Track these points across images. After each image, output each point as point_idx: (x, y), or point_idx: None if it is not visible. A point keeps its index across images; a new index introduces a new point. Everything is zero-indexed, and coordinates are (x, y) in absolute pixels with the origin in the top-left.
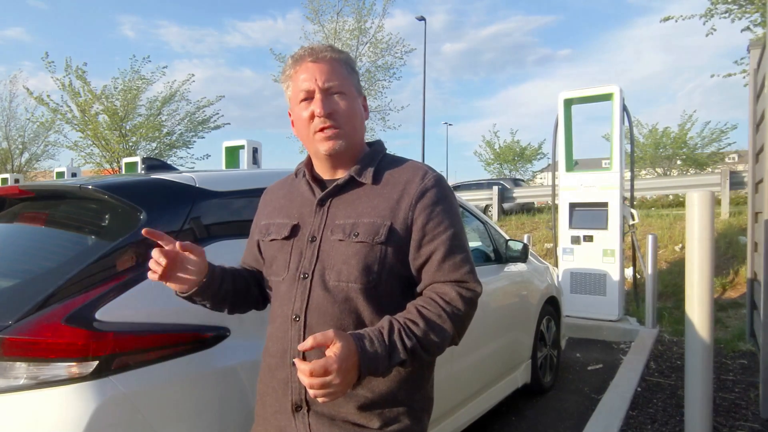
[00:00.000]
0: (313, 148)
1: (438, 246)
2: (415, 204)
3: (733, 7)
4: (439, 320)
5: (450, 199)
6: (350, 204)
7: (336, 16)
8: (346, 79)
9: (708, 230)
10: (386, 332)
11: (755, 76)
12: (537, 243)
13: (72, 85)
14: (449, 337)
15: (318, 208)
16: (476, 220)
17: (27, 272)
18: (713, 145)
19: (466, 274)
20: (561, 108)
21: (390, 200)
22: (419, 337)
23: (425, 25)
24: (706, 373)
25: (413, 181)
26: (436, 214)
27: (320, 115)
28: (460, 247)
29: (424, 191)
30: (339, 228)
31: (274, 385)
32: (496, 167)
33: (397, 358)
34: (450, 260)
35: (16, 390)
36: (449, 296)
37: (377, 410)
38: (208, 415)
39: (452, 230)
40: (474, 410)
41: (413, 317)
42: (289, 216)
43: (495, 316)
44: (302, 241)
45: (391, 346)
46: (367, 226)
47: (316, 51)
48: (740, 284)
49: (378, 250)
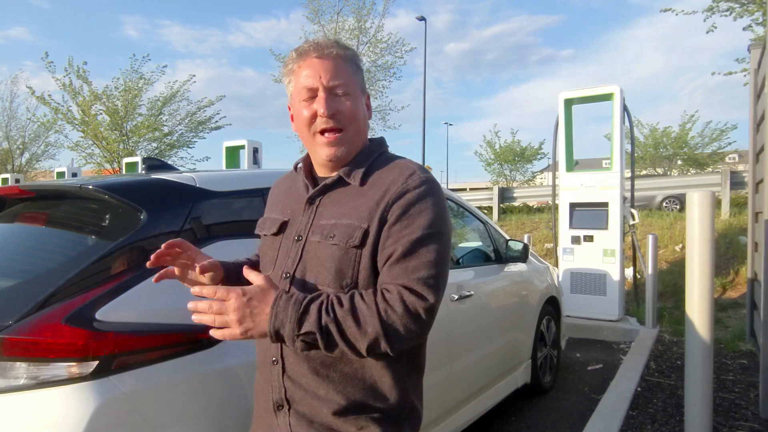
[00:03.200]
0: (313, 148)
1: (396, 248)
2: (391, 205)
3: (735, 6)
4: (367, 312)
5: (430, 202)
6: (336, 204)
7: (336, 15)
8: (351, 77)
9: (708, 230)
10: (309, 298)
11: (755, 76)
12: (537, 243)
13: (72, 85)
14: (372, 335)
15: (307, 206)
16: (476, 220)
17: (27, 272)
18: (713, 144)
19: (416, 279)
20: (561, 108)
21: (371, 201)
22: (337, 318)
23: (425, 25)
24: (706, 373)
25: (397, 181)
26: (407, 216)
27: (324, 116)
28: (421, 251)
29: (403, 192)
30: (320, 229)
31: (262, 383)
32: (496, 167)
33: (306, 326)
34: (403, 263)
35: (16, 390)
36: (389, 295)
37: (352, 416)
38: (207, 415)
39: (420, 233)
40: (474, 410)
41: (343, 299)
42: (282, 212)
43: (495, 316)
44: (289, 240)
45: (305, 311)
46: (343, 228)
47: (322, 46)
48: (740, 284)
49: (352, 254)
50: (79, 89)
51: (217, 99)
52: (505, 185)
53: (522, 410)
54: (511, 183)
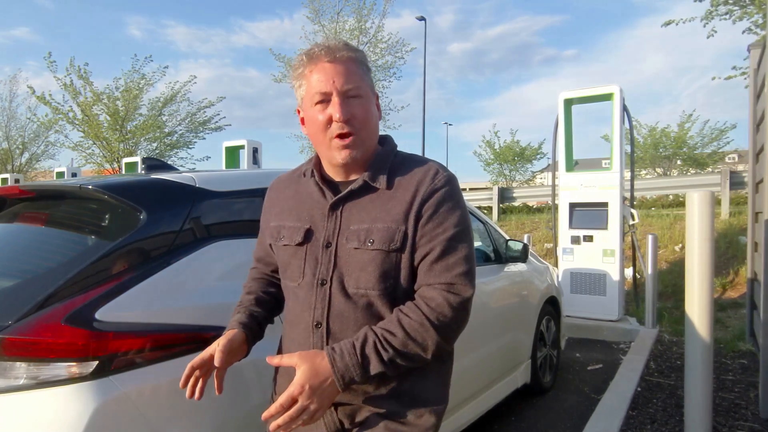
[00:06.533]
0: (327, 153)
1: (434, 246)
2: (423, 205)
3: (734, 8)
4: (421, 329)
5: (456, 199)
6: (364, 209)
7: (336, 16)
8: (362, 80)
9: (708, 230)
10: (359, 345)
11: (755, 76)
12: (537, 243)
13: (73, 84)
14: (433, 345)
15: (330, 212)
16: (476, 220)
17: (27, 272)
18: (713, 144)
19: (456, 275)
20: (561, 108)
21: (403, 203)
22: (396, 348)
23: (425, 25)
24: (706, 373)
25: (424, 181)
26: (438, 215)
27: (339, 120)
28: (457, 248)
29: (433, 192)
30: (354, 234)
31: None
32: (495, 167)
33: (373, 369)
34: (443, 261)
35: (16, 390)
36: (435, 302)
37: (402, 406)
38: (207, 414)
39: (453, 231)
40: (474, 410)
41: (392, 328)
42: (299, 219)
43: (495, 316)
44: (317, 247)
45: (364, 358)
46: (381, 232)
47: (333, 50)
48: (740, 284)
49: (394, 257)
50: (81, 88)
51: (218, 100)
52: (504, 185)
53: (522, 410)
54: (511, 183)
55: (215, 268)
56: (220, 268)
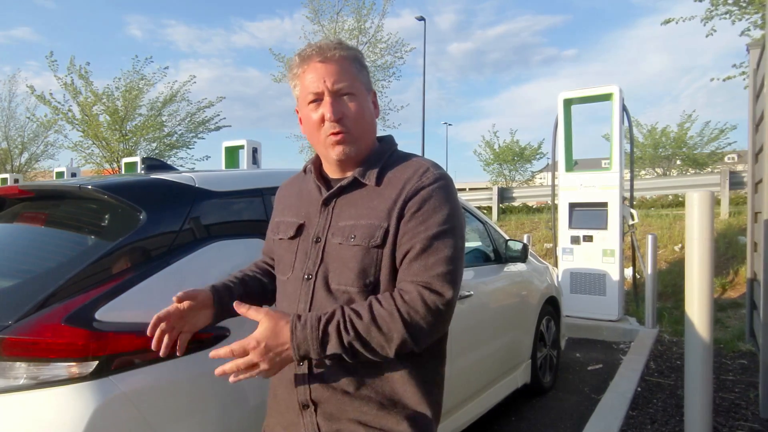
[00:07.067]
0: (323, 151)
1: (414, 244)
2: (407, 202)
3: (733, 9)
4: (389, 318)
5: (444, 197)
6: (353, 205)
7: (336, 16)
8: (355, 78)
9: (708, 230)
10: (324, 320)
11: (755, 76)
12: (537, 243)
13: (73, 84)
14: (398, 339)
15: (323, 208)
16: (476, 220)
17: (27, 272)
18: (713, 144)
19: (435, 276)
20: (561, 108)
21: (388, 200)
22: (359, 332)
23: (425, 25)
24: (706, 373)
25: (412, 179)
26: (421, 212)
27: (330, 120)
28: (439, 247)
29: (419, 189)
30: (340, 230)
31: (285, 382)
32: (495, 167)
33: (330, 348)
34: (421, 260)
35: (16, 390)
36: (409, 296)
37: (383, 412)
38: (207, 415)
39: (436, 230)
40: (474, 410)
41: (361, 310)
42: (297, 215)
43: (494, 316)
44: (307, 242)
45: (325, 335)
46: (364, 228)
47: (324, 50)
48: (740, 284)
49: (374, 253)
50: (81, 88)
51: (218, 100)
52: (504, 185)
53: (522, 410)
54: (511, 183)
55: (215, 268)
56: (220, 268)
